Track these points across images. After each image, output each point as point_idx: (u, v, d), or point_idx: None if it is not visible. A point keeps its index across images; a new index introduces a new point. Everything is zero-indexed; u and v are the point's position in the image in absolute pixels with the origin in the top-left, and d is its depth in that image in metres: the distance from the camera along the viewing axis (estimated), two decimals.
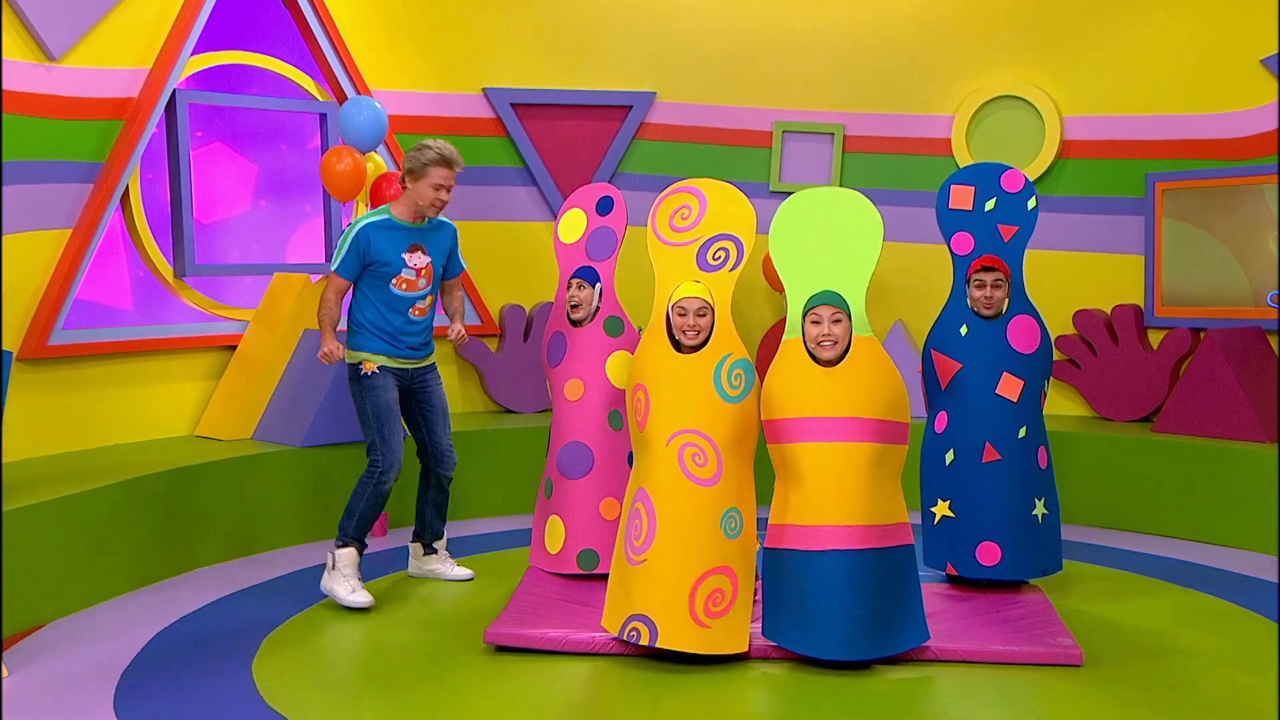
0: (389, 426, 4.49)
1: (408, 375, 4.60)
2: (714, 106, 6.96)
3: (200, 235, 5.96)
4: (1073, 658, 3.86)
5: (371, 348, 4.50)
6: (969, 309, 4.54)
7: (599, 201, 4.89)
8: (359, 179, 5.76)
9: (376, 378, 4.49)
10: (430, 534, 4.88)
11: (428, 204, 4.41)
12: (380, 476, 4.49)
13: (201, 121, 6.01)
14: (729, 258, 4.07)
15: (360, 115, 5.76)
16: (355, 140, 5.79)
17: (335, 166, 5.73)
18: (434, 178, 4.38)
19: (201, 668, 3.87)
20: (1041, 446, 4.52)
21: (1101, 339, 6.41)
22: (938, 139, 6.80)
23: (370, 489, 4.49)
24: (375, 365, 4.49)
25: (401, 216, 4.47)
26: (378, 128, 5.80)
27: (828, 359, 3.88)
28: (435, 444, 4.74)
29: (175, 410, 5.77)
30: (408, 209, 4.46)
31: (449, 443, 4.77)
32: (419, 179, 4.38)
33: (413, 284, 4.49)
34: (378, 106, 5.82)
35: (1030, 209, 4.53)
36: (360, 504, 4.50)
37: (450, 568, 4.90)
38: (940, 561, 4.58)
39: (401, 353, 4.54)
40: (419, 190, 4.40)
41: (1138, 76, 6.43)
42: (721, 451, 3.89)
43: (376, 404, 4.48)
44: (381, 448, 4.49)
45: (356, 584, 4.45)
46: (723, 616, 3.82)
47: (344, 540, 4.50)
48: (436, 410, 4.71)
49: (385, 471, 4.49)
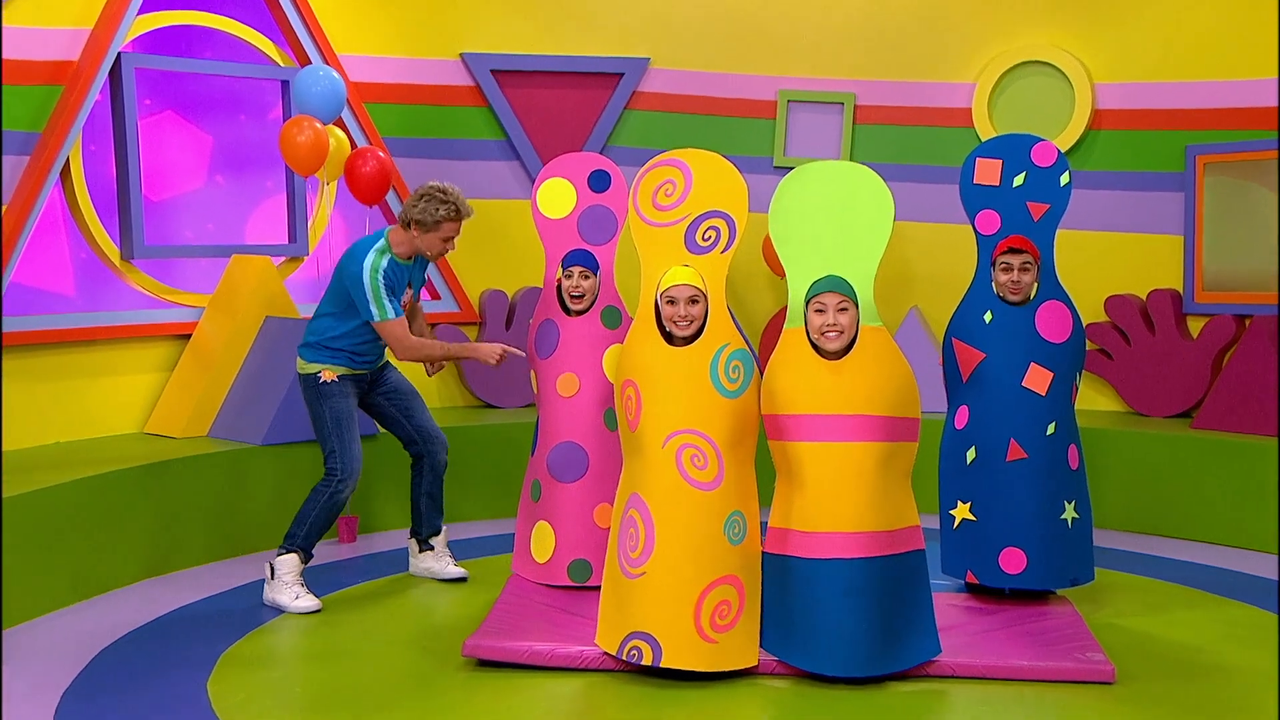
0: (349, 433, 4.63)
1: (365, 380, 4.79)
2: (713, 74, 6.94)
3: (150, 213, 5.94)
4: (1104, 675, 3.86)
5: (328, 360, 4.67)
6: (994, 294, 4.53)
7: (592, 176, 4.85)
8: (321, 151, 5.75)
9: (335, 385, 4.64)
10: (427, 528, 4.97)
11: (434, 255, 4.63)
12: (338, 485, 4.58)
13: (150, 88, 5.97)
14: (720, 238, 4.05)
15: (316, 86, 5.78)
16: (311, 112, 5.78)
17: (295, 138, 5.73)
18: (445, 232, 4.58)
19: (151, 688, 3.85)
20: (1072, 445, 4.51)
21: (1136, 327, 6.40)
22: (957, 109, 6.79)
23: (325, 498, 4.58)
24: (335, 374, 4.65)
25: (400, 254, 4.63)
26: (335, 99, 5.80)
27: (833, 351, 3.88)
28: (419, 426, 4.88)
29: (122, 405, 5.75)
30: (408, 249, 4.63)
31: (433, 422, 4.91)
32: (428, 232, 4.55)
33: None
34: (335, 76, 5.82)
35: (1063, 185, 4.52)
36: (313, 512, 4.58)
37: (446, 565, 4.98)
38: (960, 569, 4.58)
39: (358, 365, 4.73)
40: (427, 242, 4.58)
41: (1177, 39, 6.42)
42: (722, 451, 3.88)
43: (336, 410, 4.61)
44: (341, 455, 4.59)
45: (301, 589, 4.55)
46: (731, 630, 3.82)
47: (288, 547, 4.59)
48: (404, 393, 4.87)
49: (343, 480, 4.59)
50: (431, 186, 4.56)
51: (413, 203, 4.54)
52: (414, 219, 4.54)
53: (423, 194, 4.54)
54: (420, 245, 4.59)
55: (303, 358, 4.70)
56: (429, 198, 4.52)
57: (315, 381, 4.63)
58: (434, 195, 4.52)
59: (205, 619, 4.55)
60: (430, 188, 4.55)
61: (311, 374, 4.65)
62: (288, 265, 6.38)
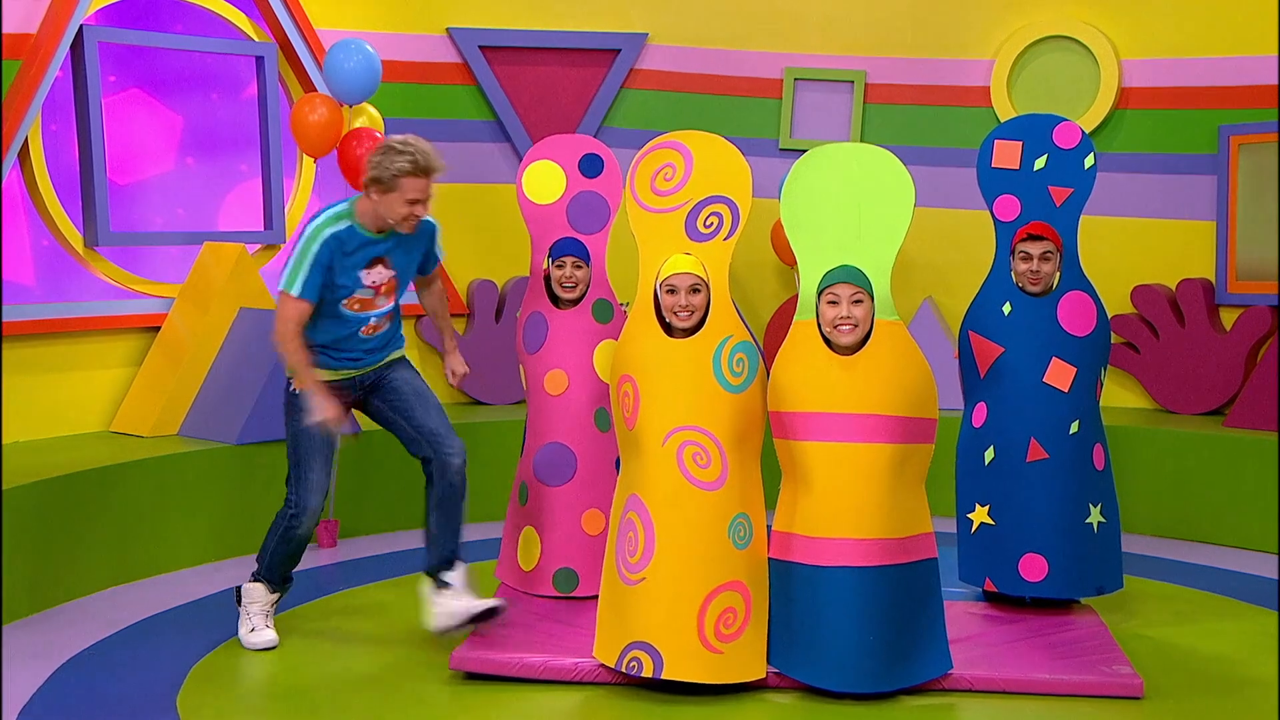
0: (309, 460, 4.13)
1: (355, 384, 4.25)
2: (715, 50, 6.92)
3: (115, 198, 5.92)
4: (1132, 689, 3.85)
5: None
6: (1013, 284, 4.52)
7: (583, 160, 4.83)
8: (335, 132, 5.77)
9: (304, 397, 4.10)
10: (435, 554, 4.22)
11: (399, 220, 4.00)
12: (291, 520, 4.17)
13: (115, 64, 5.95)
14: (722, 224, 4.04)
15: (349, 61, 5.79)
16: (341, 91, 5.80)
17: (308, 118, 5.72)
18: (407, 190, 3.95)
19: (117, 703, 3.82)
20: (1097, 444, 4.50)
21: (1165, 319, 6.39)
22: (975, 88, 6.77)
23: (280, 532, 4.20)
24: None
25: (366, 225, 4.05)
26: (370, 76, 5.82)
27: (846, 345, 3.86)
28: (419, 426, 4.22)
29: (87, 402, 5.73)
30: (373, 219, 4.05)
31: (444, 424, 4.23)
32: (387, 191, 3.95)
33: (369, 303, 4.14)
34: (369, 50, 5.83)
35: (1088, 168, 4.51)
36: (270, 544, 4.24)
37: (471, 601, 4.17)
38: (978, 576, 4.57)
39: (341, 366, 4.20)
40: (388, 205, 3.97)
41: (1209, 12, 6.40)
42: (725, 449, 3.86)
43: (298, 432, 4.14)
44: (296, 485, 4.16)
45: (261, 622, 4.25)
46: (736, 639, 3.82)
47: (254, 575, 4.30)
48: (405, 392, 4.26)
49: (296, 515, 4.15)
50: (391, 138, 4.02)
51: (370, 160, 3.97)
52: (370, 178, 3.95)
53: (379, 148, 3.99)
54: (382, 211, 3.98)
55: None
56: (385, 149, 3.95)
57: (288, 389, 4.18)
58: (391, 147, 3.94)
59: (175, 629, 4.53)
60: (389, 139, 4.01)
61: (289, 379, 4.18)
62: (263, 254, 6.36)
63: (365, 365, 4.23)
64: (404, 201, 3.96)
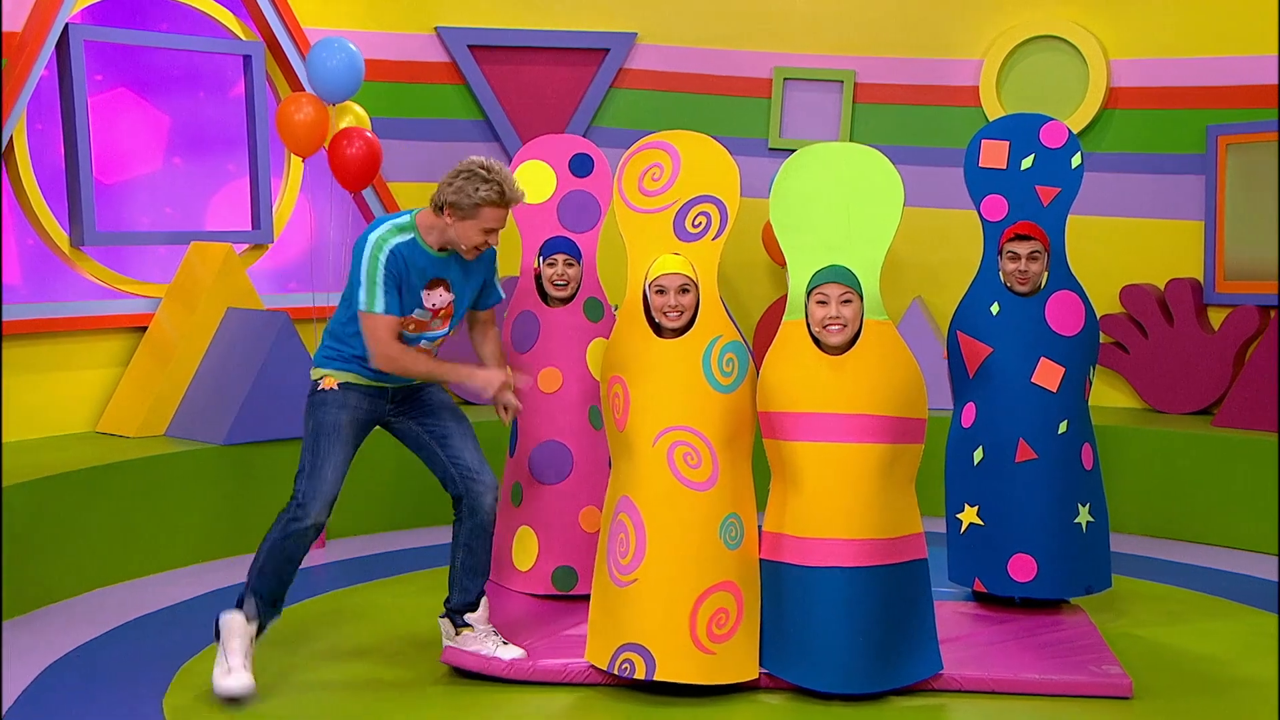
0: (327, 452, 3.86)
1: (387, 395, 4.01)
2: (704, 50, 6.92)
3: (102, 198, 5.89)
4: (1121, 689, 3.85)
5: (335, 366, 3.96)
6: (1001, 284, 4.52)
7: (573, 160, 4.83)
8: (320, 131, 5.76)
9: (333, 394, 3.91)
10: (458, 595, 4.03)
11: (470, 249, 3.85)
12: (295, 511, 3.82)
13: (102, 62, 5.92)
14: (711, 224, 4.03)
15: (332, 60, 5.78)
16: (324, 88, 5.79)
17: (294, 117, 5.71)
18: (487, 220, 3.80)
19: (102, 706, 3.80)
20: (1086, 444, 4.51)
21: (1154, 319, 6.40)
22: (964, 87, 6.78)
23: (280, 527, 3.84)
24: (335, 382, 3.93)
25: (430, 241, 3.87)
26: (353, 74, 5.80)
27: (835, 345, 3.86)
28: (456, 460, 3.99)
29: (73, 402, 5.70)
30: (439, 237, 3.87)
31: (478, 457, 4.01)
32: (465, 218, 3.79)
33: (423, 325, 3.95)
34: (352, 49, 5.82)
35: (1074, 168, 4.51)
36: (265, 545, 3.86)
37: (498, 647, 4.02)
38: (967, 576, 4.57)
39: (371, 375, 3.96)
40: (462, 231, 3.81)
41: (1198, 12, 6.42)
42: (716, 449, 3.86)
43: (320, 423, 3.88)
44: (308, 475, 3.85)
45: (235, 663, 3.77)
46: (728, 640, 3.81)
47: (240, 595, 3.88)
48: (445, 419, 4.04)
49: (302, 505, 3.82)
50: (472, 161, 3.82)
51: (447, 181, 3.81)
52: (447, 201, 3.78)
53: (460, 170, 3.80)
54: (453, 235, 3.82)
55: (315, 361, 4.03)
56: (468, 174, 3.77)
57: (314, 389, 3.95)
58: (474, 172, 3.78)
59: (162, 630, 4.51)
60: (471, 163, 3.82)
61: (315, 381, 3.96)
62: (251, 253, 6.34)
63: (403, 380, 4.01)
64: (480, 230, 3.82)
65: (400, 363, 3.86)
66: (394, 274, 3.80)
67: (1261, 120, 6.24)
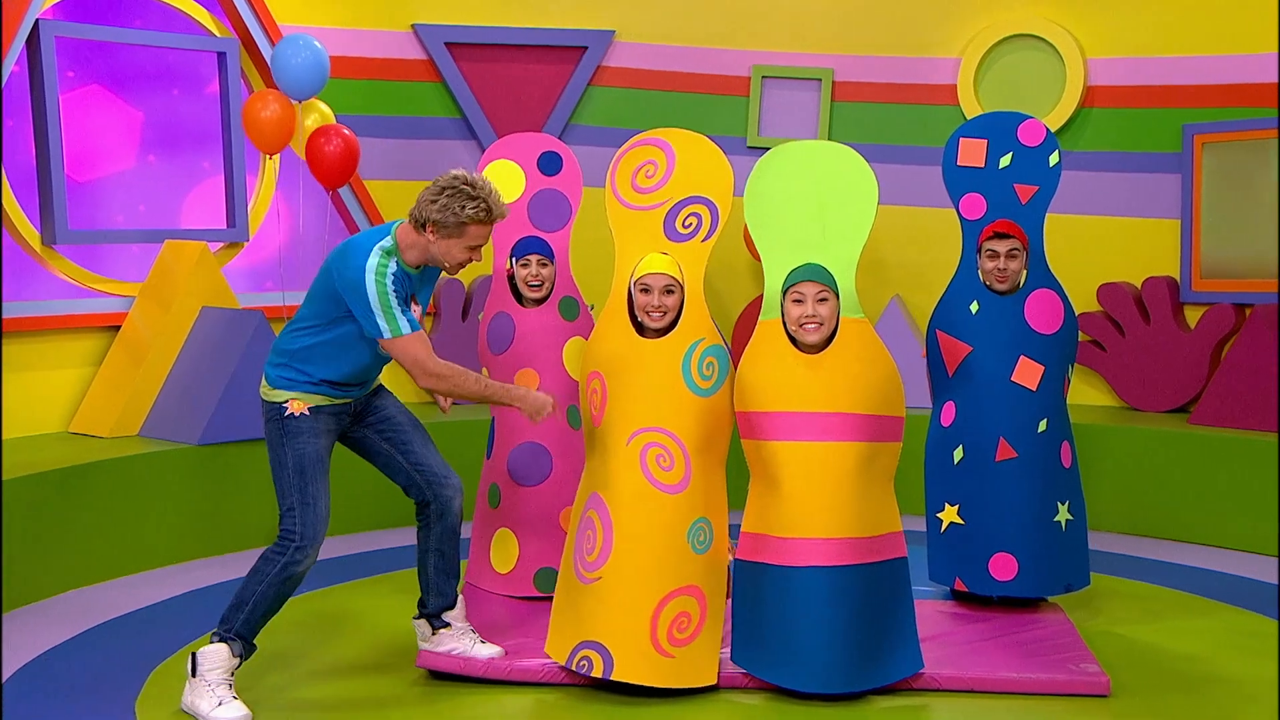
0: (315, 487, 3.74)
1: (349, 409, 3.90)
2: (682, 48, 6.91)
3: (74, 195, 5.86)
4: (1098, 687, 3.86)
5: (301, 388, 3.80)
6: (980, 283, 4.52)
7: (542, 158, 4.80)
8: (287, 129, 5.73)
9: (306, 420, 3.77)
10: (436, 599, 4.01)
11: (454, 267, 3.75)
12: (294, 553, 3.69)
13: (73, 59, 5.88)
14: (701, 225, 4.03)
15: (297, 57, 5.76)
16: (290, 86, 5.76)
17: (260, 114, 5.68)
18: (472, 238, 3.70)
19: (74, 709, 3.77)
20: (1065, 442, 4.51)
21: (1130, 317, 6.41)
22: (941, 85, 6.78)
23: (277, 569, 3.68)
24: (305, 406, 3.78)
25: (408, 259, 3.75)
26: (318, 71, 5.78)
27: (811, 344, 3.85)
28: (420, 465, 3.95)
29: (45, 402, 5.66)
30: (419, 255, 3.75)
31: (439, 460, 3.99)
32: (449, 236, 3.68)
33: None
34: (317, 46, 5.79)
35: (1052, 165, 4.52)
36: (259, 589, 3.69)
37: (474, 645, 4.02)
38: (947, 575, 4.57)
39: (340, 394, 3.86)
40: (445, 249, 3.70)
41: (1174, 11, 6.43)
42: (690, 453, 3.85)
43: (301, 455, 3.74)
44: (301, 515, 3.71)
45: (226, 694, 3.66)
46: (688, 644, 3.80)
47: (221, 634, 3.71)
48: (403, 425, 3.98)
49: (301, 547, 3.69)
50: (456, 177, 3.69)
51: (430, 197, 3.66)
52: (431, 219, 3.65)
53: (444, 186, 3.67)
54: (436, 252, 3.71)
55: (268, 380, 3.81)
56: (453, 191, 3.64)
57: (280, 414, 3.76)
58: (460, 189, 3.64)
59: (135, 632, 4.48)
60: (454, 179, 3.68)
61: (276, 403, 3.78)
62: (226, 252, 6.30)
63: (361, 393, 3.93)
64: (466, 249, 3.72)
65: (451, 381, 3.73)
66: (400, 295, 3.67)
67: (1237, 119, 6.27)
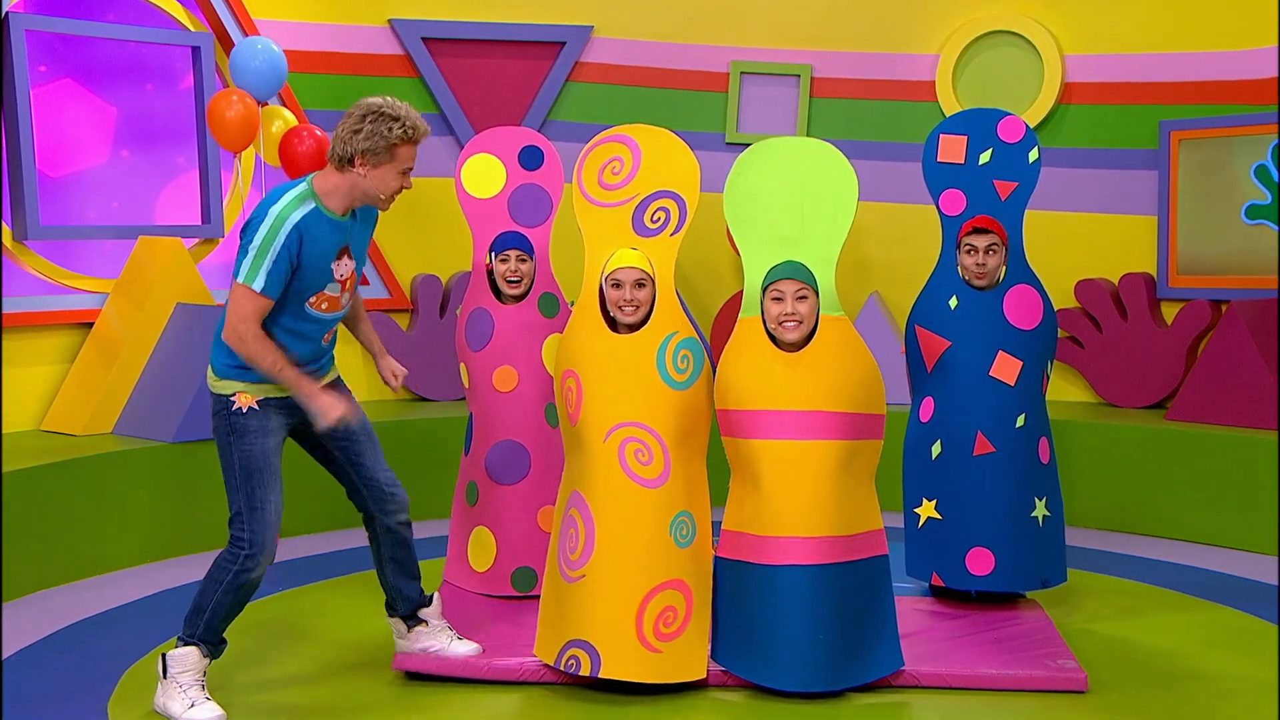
0: (263, 488, 3.59)
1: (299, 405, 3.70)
2: (661, 43, 6.89)
3: (46, 191, 5.82)
4: (1076, 683, 3.86)
5: (250, 378, 3.61)
6: (959, 278, 4.52)
7: (523, 152, 4.78)
8: (251, 127, 5.72)
9: (254, 417, 3.60)
10: (405, 602, 3.97)
11: (389, 197, 3.60)
12: (245, 562, 3.58)
13: (45, 53, 5.84)
14: (670, 219, 4.02)
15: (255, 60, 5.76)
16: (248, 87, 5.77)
17: (225, 113, 5.67)
18: (403, 159, 3.56)
19: (46, 710, 3.75)
20: (1043, 438, 4.51)
21: (1107, 313, 6.43)
22: (920, 82, 6.79)
23: (229, 578, 3.59)
24: (254, 399, 3.61)
25: (332, 206, 3.57)
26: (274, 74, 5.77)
27: (791, 342, 3.84)
28: (368, 479, 3.84)
29: (16, 401, 5.62)
30: (344, 198, 3.58)
31: (389, 474, 3.89)
32: (380, 164, 3.53)
33: (335, 303, 3.66)
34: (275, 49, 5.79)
35: (1032, 162, 4.53)
36: (214, 597, 3.61)
37: (452, 642, 3.99)
38: (924, 571, 4.57)
39: None
40: (379, 179, 3.55)
41: (1151, 8, 6.44)
42: (668, 446, 3.83)
43: (249, 457, 3.59)
44: (249, 521, 3.58)
45: (199, 694, 3.62)
46: (676, 639, 3.79)
47: (185, 637, 3.66)
48: (358, 436, 3.82)
49: (251, 556, 3.58)
50: (369, 104, 3.52)
51: (351, 128, 3.50)
52: (359, 150, 3.48)
53: (362, 114, 3.51)
54: (368, 186, 3.54)
55: (214, 369, 3.64)
56: (375, 117, 3.49)
57: (227, 408, 3.60)
58: (380, 114, 3.50)
59: (108, 632, 4.44)
60: (368, 106, 3.52)
61: (223, 396, 3.62)
62: (201, 248, 6.27)
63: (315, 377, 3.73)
64: (398, 173, 3.57)
65: (249, 348, 3.50)
66: (289, 252, 3.47)
67: (1214, 116, 6.29)
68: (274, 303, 3.52)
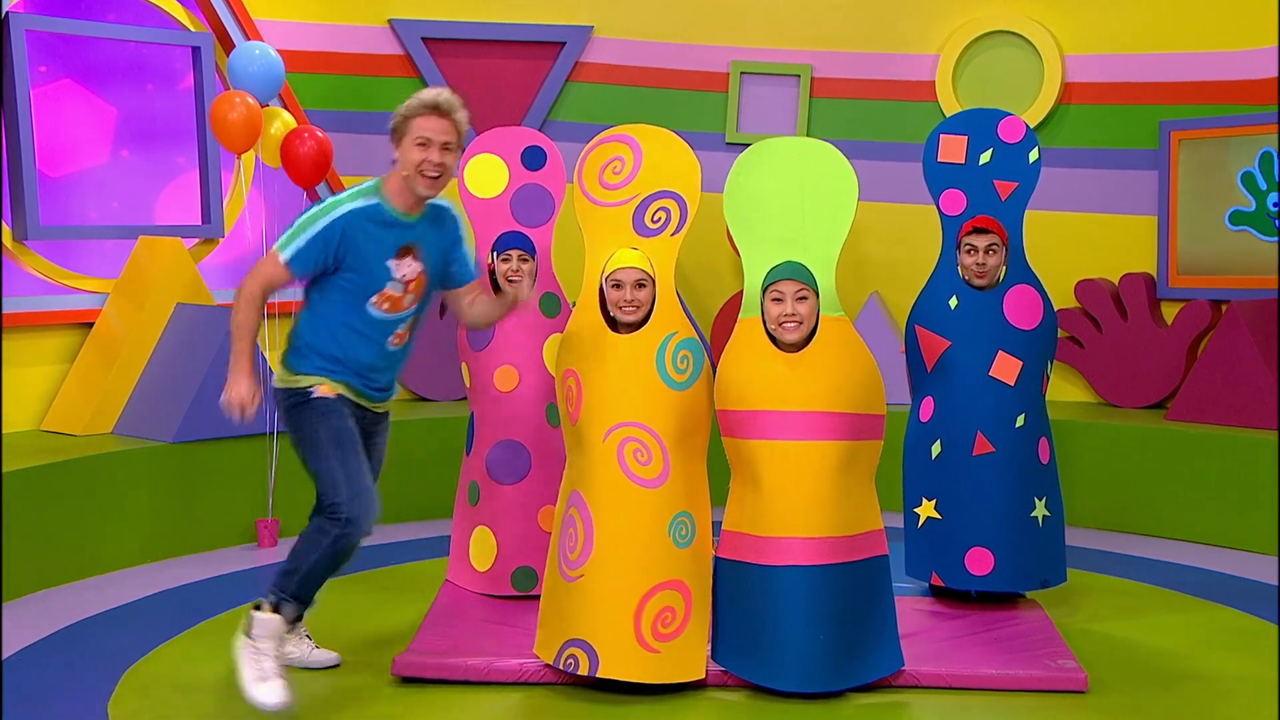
0: (356, 458, 3.61)
1: (365, 415, 3.78)
2: (661, 44, 6.90)
3: (46, 191, 5.81)
4: (1076, 683, 3.86)
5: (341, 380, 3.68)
6: (959, 278, 4.52)
7: (526, 152, 4.79)
8: (254, 129, 5.74)
9: (335, 402, 3.63)
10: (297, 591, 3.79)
11: (415, 171, 3.56)
12: (345, 527, 3.55)
13: (45, 53, 5.84)
14: (670, 219, 4.02)
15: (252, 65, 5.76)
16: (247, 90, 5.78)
17: (227, 115, 5.69)
18: (419, 130, 3.56)
19: (46, 710, 3.74)
20: (1043, 438, 4.52)
21: (1107, 313, 6.43)
22: (920, 82, 6.79)
23: (328, 544, 3.57)
24: (335, 391, 3.64)
25: (396, 204, 3.62)
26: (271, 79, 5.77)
27: (791, 342, 3.84)
28: None
29: (17, 400, 5.61)
30: (401, 192, 3.62)
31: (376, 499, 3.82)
32: (401, 140, 3.58)
33: (398, 302, 3.66)
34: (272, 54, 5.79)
35: (1032, 162, 4.53)
36: (312, 559, 3.59)
37: (310, 651, 4.00)
38: (924, 571, 4.57)
39: (364, 392, 3.73)
40: (404, 156, 3.58)
41: (1151, 8, 6.45)
42: (668, 446, 3.83)
43: (336, 430, 3.60)
44: (346, 485, 3.56)
45: (269, 668, 3.54)
46: (674, 639, 3.79)
47: (275, 598, 3.61)
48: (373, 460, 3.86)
49: (351, 520, 3.55)
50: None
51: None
52: (389, 129, 3.61)
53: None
54: (400, 169, 3.59)
55: (288, 367, 3.67)
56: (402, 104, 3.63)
57: (303, 397, 3.62)
58: (407, 101, 3.62)
59: (108, 633, 4.44)
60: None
61: (300, 388, 3.63)
62: (201, 248, 6.27)
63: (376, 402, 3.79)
64: (415, 145, 3.56)
65: (240, 302, 3.57)
66: (326, 240, 3.51)
67: (1214, 116, 6.29)
68: (294, 280, 3.58)
